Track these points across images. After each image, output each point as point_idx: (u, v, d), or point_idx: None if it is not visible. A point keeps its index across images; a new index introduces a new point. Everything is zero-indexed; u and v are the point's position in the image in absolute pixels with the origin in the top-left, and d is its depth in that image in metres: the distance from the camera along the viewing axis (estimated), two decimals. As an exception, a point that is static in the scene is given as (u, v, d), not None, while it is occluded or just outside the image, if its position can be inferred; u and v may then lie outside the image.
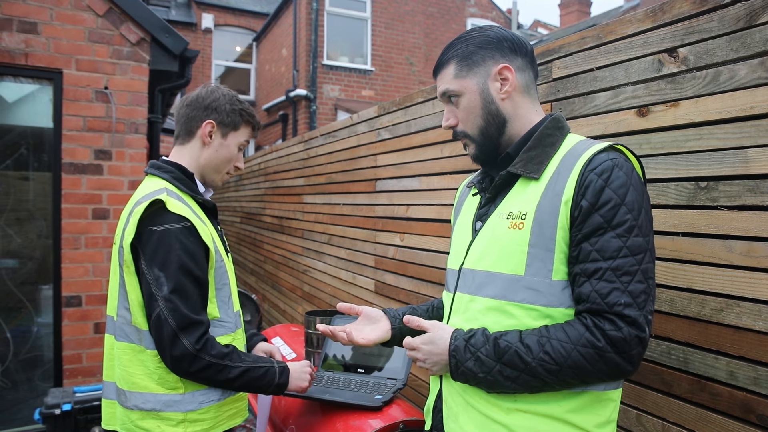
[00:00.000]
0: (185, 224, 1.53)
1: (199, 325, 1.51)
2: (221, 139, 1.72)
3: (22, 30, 3.49)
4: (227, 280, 1.67)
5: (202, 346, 1.49)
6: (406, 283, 2.80)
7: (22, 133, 3.80)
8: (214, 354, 1.51)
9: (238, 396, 1.71)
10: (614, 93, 1.61)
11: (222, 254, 1.67)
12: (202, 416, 1.59)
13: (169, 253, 1.50)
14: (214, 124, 1.71)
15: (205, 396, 1.60)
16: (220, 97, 1.73)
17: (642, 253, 1.05)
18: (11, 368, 3.75)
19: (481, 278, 1.19)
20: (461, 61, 1.23)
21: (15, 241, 3.78)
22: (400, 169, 2.90)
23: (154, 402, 1.57)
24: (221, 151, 1.73)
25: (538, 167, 1.16)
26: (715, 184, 1.33)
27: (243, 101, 1.80)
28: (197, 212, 1.63)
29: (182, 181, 1.67)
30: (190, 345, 1.48)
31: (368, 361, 2.15)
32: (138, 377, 1.58)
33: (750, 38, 1.26)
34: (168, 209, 1.52)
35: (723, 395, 1.30)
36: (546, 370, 1.06)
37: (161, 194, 1.54)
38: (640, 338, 1.03)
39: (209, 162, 1.73)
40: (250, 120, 1.78)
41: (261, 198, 5.99)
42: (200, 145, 1.72)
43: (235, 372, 1.55)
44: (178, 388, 1.57)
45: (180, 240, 1.51)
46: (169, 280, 1.49)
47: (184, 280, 1.50)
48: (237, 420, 1.70)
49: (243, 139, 1.77)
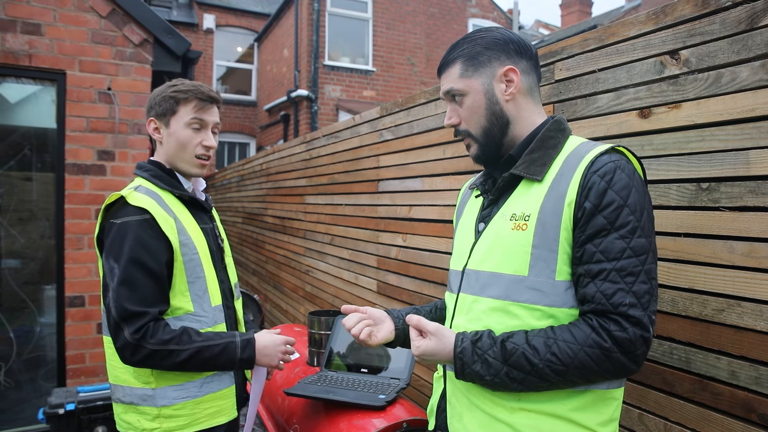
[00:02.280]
0: (144, 216, 1.56)
1: (141, 315, 1.50)
2: (166, 129, 1.73)
3: (26, 31, 3.51)
4: (202, 273, 1.66)
5: (142, 335, 1.49)
6: (408, 284, 2.81)
7: (26, 134, 3.81)
8: (154, 342, 1.50)
9: (221, 394, 1.68)
10: (616, 94, 1.62)
11: (197, 247, 1.66)
12: (177, 412, 1.60)
13: (123, 244, 1.53)
14: (153, 119, 1.73)
15: (179, 392, 1.60)
16: (155, 93, 1.74)
17: (645, 254, 1.07)
18: (14, 368, 3.76)
19: (485, 279, 1.20)
20: (467, 61, 1.24)
21: (18, 242, 3.79)
22: (403, 170, 2.91)
23: (131, 396, 1.61)
24: (171, 141, 1.72)
25: (541, 169, 1.17)
26: (717, 185, 1.34)
27: (181, 82, 1.73)
28: (170, 207, 1.65)
29: (161, 177, 1.70)
30: (129, 335, 1.48)
31: (371, 361, 2.16)
32: (119, 370, 1.62)
33: (751, 41, 1.27)
34: (129, 203, 1.56)
35: (724, 395, 1.31)
36: (553, 370, 1.07)
37: (127, 190, 1.59)
38: (645, 338, 1.05)
39: (168, 155, 1.74)
40: (186, 96, 1.70)
41: (263, 198, 6.00)
42: (158, 143, 1.76)
43: (185, 354, 1.52)
44: (150, 383, 1.59)
45: (135, 232, 1.54)
46: (120, 271, 1.51)
47: (134, 272, 1.52)
48: (219, 419, 1.67)
49: (189, 117, 1.70)
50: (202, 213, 1.79)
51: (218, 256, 1.79)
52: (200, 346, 1.55)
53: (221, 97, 1.82)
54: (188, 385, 1.62)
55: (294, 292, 4.80)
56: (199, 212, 1.77)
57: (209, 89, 1.74)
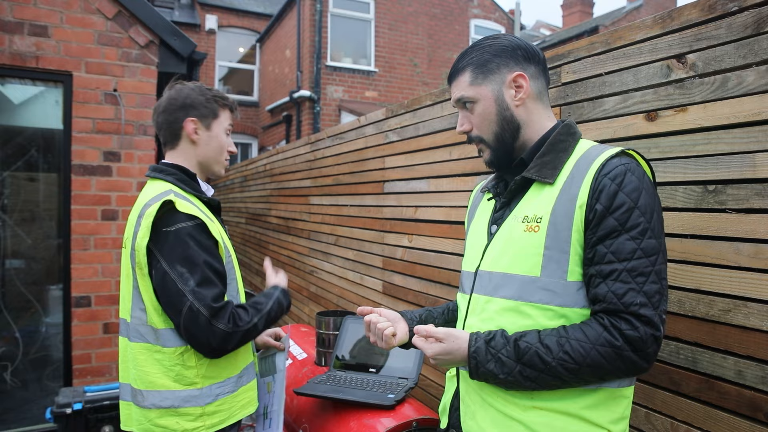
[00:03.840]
0: (196, 222, 1.60)
1: (226, 306, 1.60)
2: (207, 131, 1.76)
3: (33, 33, 3.53)
4: (234, 275, 1.73)
5: (234, 322, 1.60)
6: (414, 284, 2.83)
7: (33, 135, 3.84)
8: (243, 323, 1.63)
9: (250, 386, 1.78)
10: (623, 98, 1.64)
11: (230, 250, 1.74)
12: (219, 408, 1.65)
13: (188, 249, 1.56)
14: (196, 119, 1.74)
15: (221, 388, 1.66)
16: (191, 93, 1.76)
17: (655, 255, 1.09)
18: (20, 368, 3.79)
19: (498, 280, 1.22)
20: (476, 69, 1.26)
21: (24, 242, 3.82)
22: (409, 171, 2.93)
23: (172, 399, 1.61)
24: (212, 143, 1.77)
25: (553, 172, 1.19)
26: (723, 187, 1.36)
27: (212, 88, 1.83)
28: (204, 211, 1.68)
29: (185, 182, 1.73)
30: (225, 326, 1.57)
31: (379, 361, 2.18)
32: (155, 376, 1.62)
33: (758, 45, 1.29)
34: (178, 209, 1.58)
35: (731, 394, 1.32)
36: (566, 369, 1.09)
37: (169, 195, 1.59)
38: (656, 337, 1.07)
39: (205, 157, 1.78)
40: (226, 103, 1.82)
41: (267, 199, 6.02)
42: (190, 144, 1.76)
43: (261, 322, 1.70)
44: (196, 384, 1.62)
45: (194, 237, 1.58)
46: (194, 274, 1.56)
47: (206, 271, 1.58)
48: (250, 409, 1.76)
49: (227, 123, 1.83)
50: (218, 217, 1.82)
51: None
52: (267, 309, 1.73)
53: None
54: (228, 381, 1.69)
55: (298, 293, 4.82)
56: (217, 217, 1.81)
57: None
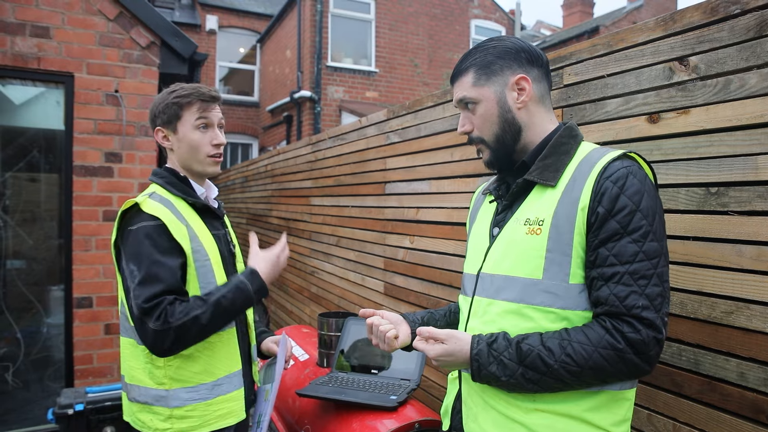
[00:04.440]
0: (157, 222, 1.60)
1: (158, 303, 1.52)
2: (175, 135, 1.75)
3: (35, 34, 3.53)
4: (213, 279, 1.68)
5: (164, 318, 1.50)
6: (416, 285, 2.83)
7: (34, 136, 3.84)
8: (174, 318, 1.51)
9: (230, 396, 1.71)
10: (625, 100, 1.64)
11: (209, 254, 1.69)
12: (189, 413, 1.63)
13: (141, 248, 1.58)
14: (161, 128, 1.76)
15: (191, 394, 1.64)
16: (155, 103, 1.76)
17: (657, 257, 1.09)
18: (22, 368, 3.79)
19: (500, 282, 1.22)
20: (480, 70, 1.27)
21: (26, 243, 3.82)
22: (410, 173, 2.93)
23: (146, 396, 1.65)
24: (182, 146, 1.75)
25: (554, 175, 1.19)
26: (726, 189, 1.36)
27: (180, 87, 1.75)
28: (183, 214, 1.68)
29: (174, 184, 1.74)
30: (153, 323, 1.50)
31: (381, 362, 2.19)
32: (136, 371, 1.66)
33: (760, 48, 1.29)
34: (143, 210, 1.61)
35: (733, 396, 1.33)
36: (568, 371, 1.09)
37: (142, 197, 1.64)
38: (658, 339, 1.07)
39: (182, 159, 1.77)
40: (188, 99, 1.72)
41: (267, 200, 6.03)
42: (169, 151, 1.79)
43: (207, 313, 1.55)
44: (164, 384, 1.63)
45: (151, 236, 1.58)
46: (140, 272, 1.56)
47: (153, 271, 1.56)
48: (229, 420, 1.70)
49: (193, 119, 1.73)
50: (214, 220, 1.81)
51: (230, 262, 1.83)
52: (215, 299, 1.58)
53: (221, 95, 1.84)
54: (200, 387, 1.65)
55: (299, 293, 4.82)
56: (211, 219, 1.79)
57: (208, 88, 1.77)
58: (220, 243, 1.78)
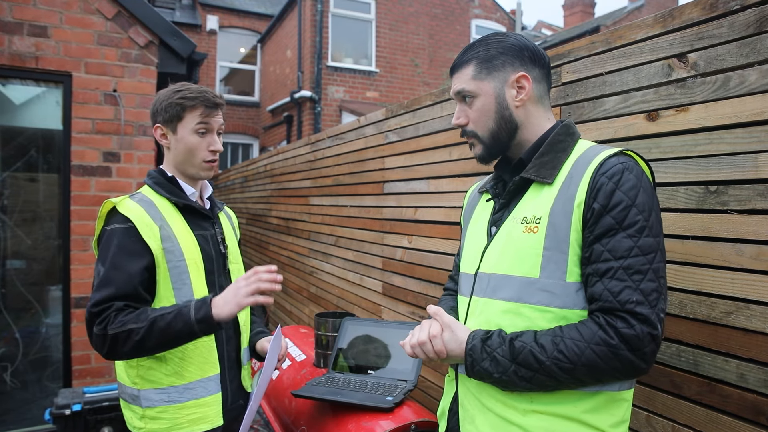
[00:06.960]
0: (127, 225, 1.60)
1: (106, 309, 1.52)
2: (173, 135, 1.74)
3: (33, 34, 3.53)
4: (188, 280, 1.66)
5: (105, 324, 1.49)
6: (414, 285, 2.82)
7: (32, 136, 3.83)
8: (113, 327, 1.49)
9: (204, 401, 1.67)
10: (624, 97, 1.63)
11: (184, 254, 1.66)
12: (159, 415, 1.64)
13: (108, 249, 1.58)
14: (160, 125, 1.74)
15: (161, 396, 1.64)
16: (159, 97, 1.75)
17: (653, 253, 1.07)
18: (20, 368, 3.78)
19: (497, 281, 1.21)
20: (481, 63, 1.25)
21: (24, 243, 3.81)
22: (409, 172, 2.92)
23: (125, 393, 1.69)
24: (179, 147, 1.73)
25: (551, 172, 1.18)
26: (725, 188, 1.34)
27: (187, 88, 1.73)
28: (163, 213, 1.67)
29: (161, 184, 1.74)
30: (96, 328, 1.51)
31: (378, 363, 2.17)
32: (119, 368, 1.71)
33: (760, 44, 1.27)
34: (119, 211, 1.62)
35: (733, 397, 1.31)
36: (560, 368, 1.07)
37: (120, 198, 1.65)
38: (653, 335, 1.05)
39: (177, 160, 1.76)
40: (193, 102, 1.70)
41: (267, 199, 6.02)
42: (166, 149, 1.78)
43: (142, 330, 1.49)
44: (136, 384, 1.65)
45: (119, 238, 1.59)
46: (98, 275, 1.57)
47: (111, 274, 1.55)
48: (202, 426, 1.66)
49: (194, 123, 1.70)
50: (201, 220, 1.78)
51: (219, 262, 1.78)
52: (154, 316, 1.51)
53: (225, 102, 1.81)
54: (170, 389, 1.64)
55: (298, 293, 4.81)
56: (196, 219, 1.76)
57: (214, 94, 1.75)
58: (206, 243, 1.75)
